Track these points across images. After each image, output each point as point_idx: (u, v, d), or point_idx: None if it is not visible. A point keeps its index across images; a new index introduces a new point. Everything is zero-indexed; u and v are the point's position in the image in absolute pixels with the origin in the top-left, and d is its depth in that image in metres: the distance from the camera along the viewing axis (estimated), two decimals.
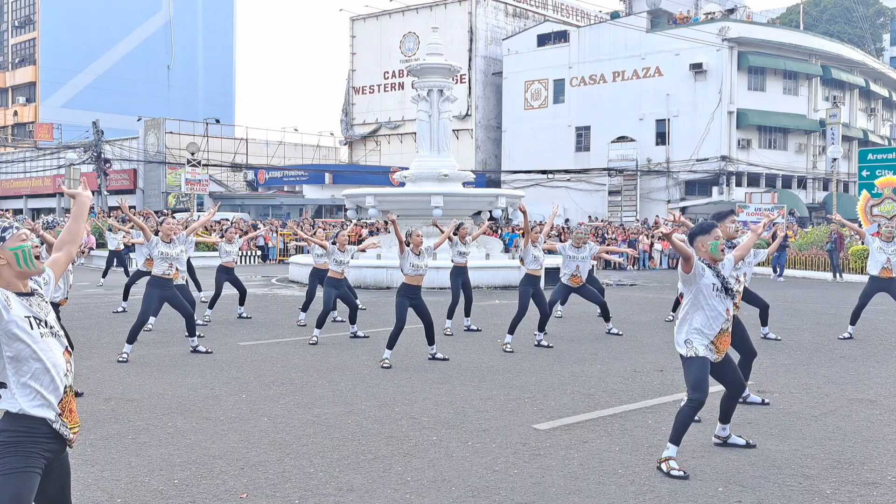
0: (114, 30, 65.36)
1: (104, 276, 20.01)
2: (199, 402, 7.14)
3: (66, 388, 3.08)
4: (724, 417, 5.79)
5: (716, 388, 5.80)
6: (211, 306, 12.92)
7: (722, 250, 5.36)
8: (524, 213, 10.35)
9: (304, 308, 12.68)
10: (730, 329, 5.42)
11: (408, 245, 9.22)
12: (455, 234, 11.77)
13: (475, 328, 12.01)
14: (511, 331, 10.33)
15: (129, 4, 66.13)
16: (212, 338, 10.95)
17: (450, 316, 11.79)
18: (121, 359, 9.17)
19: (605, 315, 11.62)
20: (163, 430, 6.19)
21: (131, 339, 9.33)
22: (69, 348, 3.20)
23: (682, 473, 5.15)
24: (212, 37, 71.66)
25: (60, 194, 41.04)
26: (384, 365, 8.98)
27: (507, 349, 10.13)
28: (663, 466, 5.23)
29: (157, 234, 9.79)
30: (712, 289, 5.28)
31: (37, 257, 3.13)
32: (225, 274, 13.01)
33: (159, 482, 5.00)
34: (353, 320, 11.36)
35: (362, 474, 5.17)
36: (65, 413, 3.05)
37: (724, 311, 5.32)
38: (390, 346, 9.16)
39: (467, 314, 12.09)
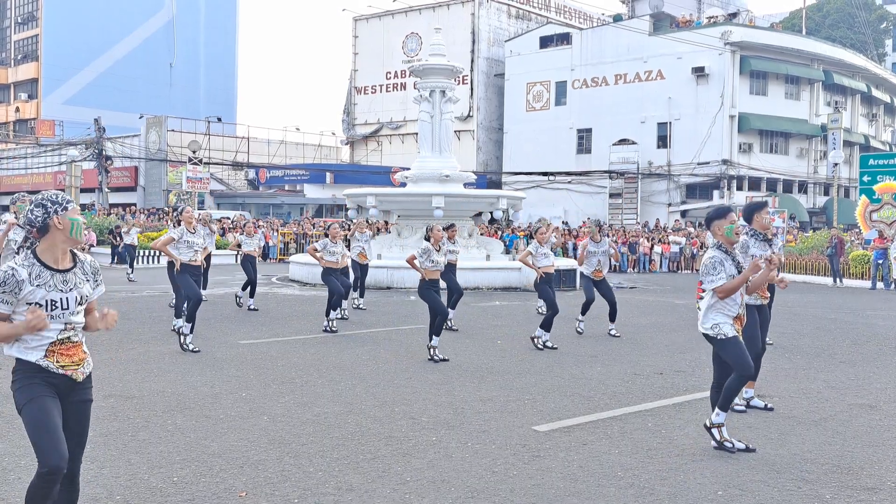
0: (116, 27, 65.32)
1: (131, 267, 21.42)
2: (198, 400, 7.14)
3: (56, 342, 3.62)
4: (715, 405, 5.86)
5: (704, 394, 5.81)
6: (245, 288, 14.64)
7: (737, 233, 5.67)
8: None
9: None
10: (744, 314, 5.74)
11: (427, 240, 9.65)
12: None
13: (454, 326, 12.03)
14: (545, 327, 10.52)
15: (132, 3, 66.08)
16: (212, 336, 10.95)
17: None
18: (184, 341, 9.79)
19: (612, 315, 11.68)
20: (162, 428, 6.19)
21: (190, 320, 9.91)
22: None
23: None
24: (214, 35, 71.62)
25: (62, 191, 40.98)
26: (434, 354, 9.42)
27: (541, 346, 10.33)
28: (715, 433, 5.66)
29: (179, 223, 10.62)
30: (730, 278, 5.62)
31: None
32: (249, 262, 14.55)
33: (159, 480, 5.00)
34: (337, 304, 11.90)
35: (361, 474, 5.17)
36: (55, 355, 3.62)
37: (737, 296, 5.65)
38: (437, 333, 9.52)
39: (452, 307, 12.16)
